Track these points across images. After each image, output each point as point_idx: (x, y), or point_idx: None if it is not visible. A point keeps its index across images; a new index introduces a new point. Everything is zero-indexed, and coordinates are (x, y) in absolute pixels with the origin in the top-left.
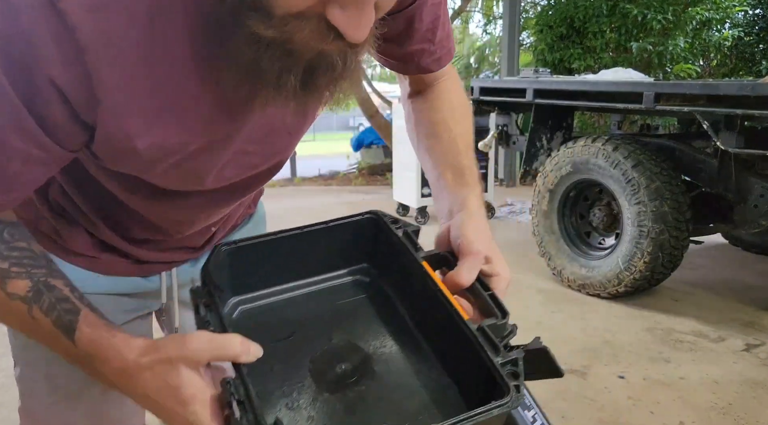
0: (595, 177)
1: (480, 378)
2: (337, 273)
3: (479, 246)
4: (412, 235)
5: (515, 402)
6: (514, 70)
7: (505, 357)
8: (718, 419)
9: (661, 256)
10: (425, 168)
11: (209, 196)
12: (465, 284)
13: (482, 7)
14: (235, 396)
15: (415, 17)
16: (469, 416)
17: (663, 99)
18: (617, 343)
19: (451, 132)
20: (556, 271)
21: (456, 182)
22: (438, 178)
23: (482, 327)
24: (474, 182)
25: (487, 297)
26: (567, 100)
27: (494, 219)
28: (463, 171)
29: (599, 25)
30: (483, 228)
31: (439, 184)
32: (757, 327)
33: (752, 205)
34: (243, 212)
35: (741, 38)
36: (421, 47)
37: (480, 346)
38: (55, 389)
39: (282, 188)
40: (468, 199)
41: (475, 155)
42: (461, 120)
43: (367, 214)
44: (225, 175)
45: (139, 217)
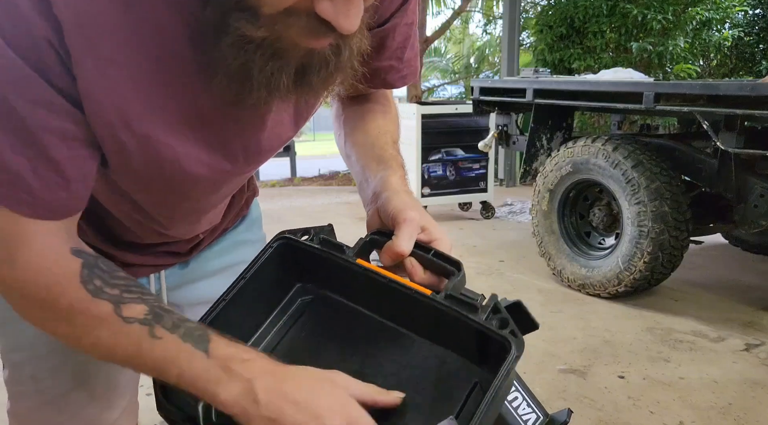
0: (595, 177)
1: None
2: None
3: (411, 214)
4: (329, 239)
5: (521, 348)
6: (514, 70)
7: (485, 311)
8: (717, 418)
9: (660, 256)
10: (350, 162)
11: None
12: (405, 252)
13: (482, 7)
14: None
15: (389, 36)
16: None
17: (663, 99)
18: (617, 343)
19: (380, 128)
20: (556, 271)
21: (378, 167)
22: (363, 169)
23: (448, 294)
24: (396, 165)
25: (432, 257)
26: (567, 100)
27: (494, 219)
28: (387, 158)
29: (599, 25)
30: (412, 201)
31: (363, 175)
32: (756, 327)
33: (752, 205)
34: (236, 213)
35: (741, 38)
36: (390, 64)
37: (458, 312)
38: (41, 391)
39: (282, 188)
40: (388, 178)
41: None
42: (390, 122)
43: (276, 242)
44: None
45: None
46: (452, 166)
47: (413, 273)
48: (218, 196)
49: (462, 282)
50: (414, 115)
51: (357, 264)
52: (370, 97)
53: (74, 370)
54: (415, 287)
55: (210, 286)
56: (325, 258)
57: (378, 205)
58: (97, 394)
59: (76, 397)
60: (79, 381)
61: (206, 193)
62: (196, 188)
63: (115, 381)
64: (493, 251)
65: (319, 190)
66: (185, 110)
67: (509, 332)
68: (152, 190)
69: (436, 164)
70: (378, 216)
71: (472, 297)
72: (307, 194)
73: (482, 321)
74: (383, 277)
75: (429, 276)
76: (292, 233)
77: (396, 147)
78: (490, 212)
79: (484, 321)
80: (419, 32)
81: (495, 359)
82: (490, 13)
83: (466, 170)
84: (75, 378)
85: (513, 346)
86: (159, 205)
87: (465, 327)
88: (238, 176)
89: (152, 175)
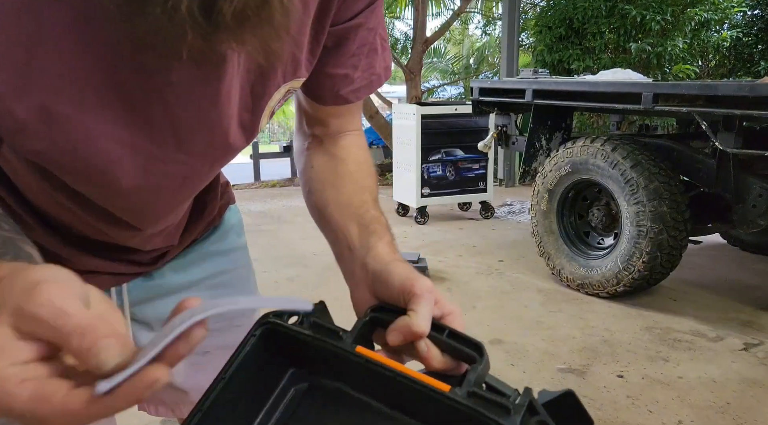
0: (594, 177)
1: None
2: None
3: (427, 284)
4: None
5: None
6: (514, 71)
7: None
8: (716, 418)
9: (659, 256)
10: (323, 224)
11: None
12: (425, 332)
13: (482, 8)
14: None
15: (348, 38)
16: None
17: (662, 99)
18: (616, 342)
19: (356, 184)
20: (555, 271)
21: (362, 233)
22: (342, 235)
23: (471, 391)
24: (382, 230)
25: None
26: (566, 101)
27: (494, 219)
28: (368, 222)
29: (598, 25)
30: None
31: (343, 242)
32: (755, 326)
33: (750, 205)
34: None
35: (739, 39)
36: (344, 72)
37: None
38: None
39: (282, 188)
40: (378, 247)
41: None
42: (367, 176)
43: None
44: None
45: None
46: (452, 166)
47: (429, 358)
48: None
49: (486, 369)
50: (414, 116)
51: (357, 355)
52: (339, 142)
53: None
54: (429, 382)
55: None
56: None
57: (372, 280)
58: None
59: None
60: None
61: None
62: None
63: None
64: (492, 251)
65: None
66: (98, 82)
67: None
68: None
69: (435, 164)
70: (371, 295)
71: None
72: None
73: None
74: (390, 370)
75: (445, 360)
76: (278, 315)
77: (377, 206)
78: (489, 212)
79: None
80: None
81: None
82: (490, 14)
83: (466, 170)
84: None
85: None
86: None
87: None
88: (172, 165)
89: (64, 160)
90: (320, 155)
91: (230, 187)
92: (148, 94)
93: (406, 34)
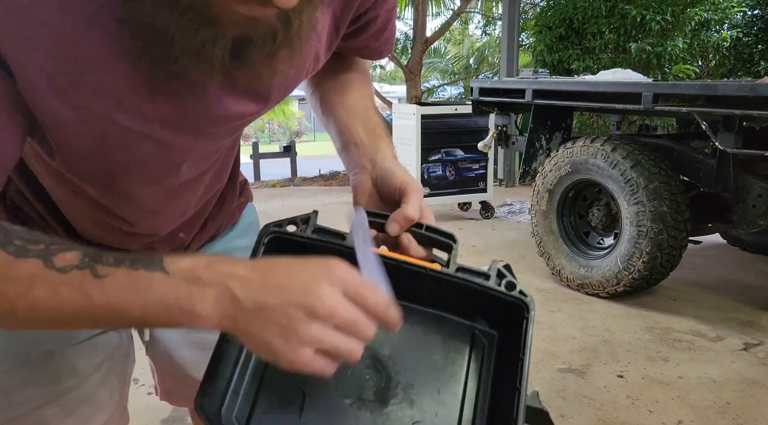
0: (594, 177)
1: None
2: None
3: (419, 186)
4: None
5: (532, 304)
6: (514, 71)
7: (488, 273)
8: (716, 418)
9: (659, 256)
10: (328, 120)
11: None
12: (416, 217)
13: (482, 8)
14: None
15: (370, 22)
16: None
17: (661, 99)
18: (616, 342)
19: (359, 91)
20: (555, 271)
21: (369, 135)
22: (346, 128)
23: (459, 267)
24: (387, 136)
25: (426, 233)
26: (566, 101)
27: (494, 219)
28: (374, 126)
29: (598, 25)
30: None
31: (347, 135)
32: (755, 326)
33: (751, 205)
34: (224, 221)
35: (739, 39)
36: (367, 44)
37: (472, 283)
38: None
39: (282, 188)
40: (385, 149)
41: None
42: (367, 84)
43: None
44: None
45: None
46: (452, 166)
47: (410, 248)
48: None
49: (456, 251)
50: (414, 116)
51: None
52: (345, 61)
53: (47, 384)
54: (425, 265)
55: None
56: (325, 248)
57: (377, 173)
58: (72, 409)
59: (50, 412)
60: (53, 395)
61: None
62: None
63: (92, 396)
64: (492, 251)
65: (320, 190)
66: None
67: (519, 292)
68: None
69: (435, 164)
70: (372, 184)
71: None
72: (307, 194)
73: (497, 288)
74: (393, 259)
75: (423, 250)
76: (277, 225)
77: (377, 112)
78: (489, 212)
79: (497, 288)
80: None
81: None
82: (490, 14)
83: (466, 170)
84: (48, 392)
85: (530, 305)
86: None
87: (474, 293)
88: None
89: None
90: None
91: (248, 185)
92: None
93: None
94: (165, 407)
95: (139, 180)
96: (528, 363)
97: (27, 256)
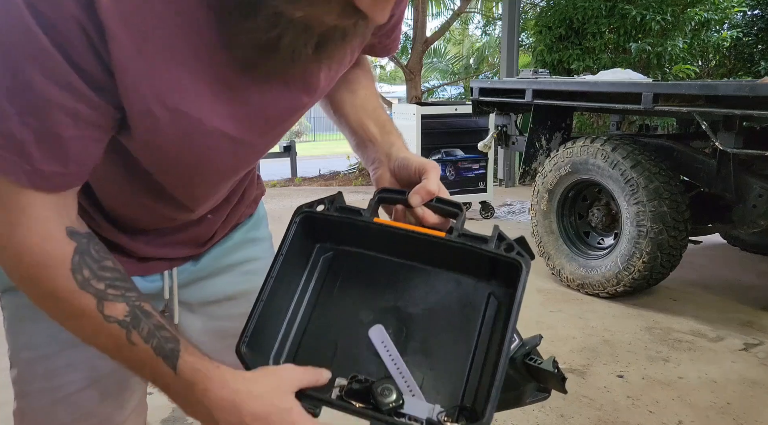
0: (594, 177)
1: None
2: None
3: (435, 164)
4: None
5: (529, 264)
6: (513, 71)
7: (492, 240)
8: (716, 418)
9: (659, 256)
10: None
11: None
12: (436, 191)
13: (481, 8)
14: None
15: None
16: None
17: (662, 99)
18: (616, 343)
19: (367, 89)
20: (555, 271)
21: (381, 132)
22: (359, 127)
23: (461, 233)
24: (396, 131)
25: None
26: (566, 101)
27: (494, 220)
28: (384, 123)
29: (598, 25)
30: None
31: (361, 133)
32: (755, 326)
33: (751, 205)
34: (244, 211)
35: (740, 39)
36: (379, 41)
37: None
38: (53, 390)
39: (282, 188)
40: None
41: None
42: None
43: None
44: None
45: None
46: (452, 166)
47: (425, 217)
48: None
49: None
50: (414, 116)
51: (375, 223)
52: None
53: (87, 368)
54: (430, 232)
55: (219, 283)
56: (346, 223)
57: (394, 164)
58: (108, 393)
59: (88, 396)
60: (91, 379)
61: (233, 165)
62: (218, 162)
63: (126, 380)
64: None
65: (320, 190)
66: (211, 83)
67: (516, 253)
68: (178, 165)
69: None
70: (390, 174)
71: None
72: (307, 194)
73: (494, 250)
74: (402, 230)
75: (436, 219)
76: (309, 206)
77: (384, 109)
78: (489, 212)
79: (495, 250)
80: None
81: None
82: (490, 14)
83: (466, 170)
84: (88, 377)
85: (524, 264)
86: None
87: (479, 256)
88: (257, 148)
89: (181, 150)
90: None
91: (261, 178)
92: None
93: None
94: (165, 407)
95: (212, 172)
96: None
97: (87, 291)
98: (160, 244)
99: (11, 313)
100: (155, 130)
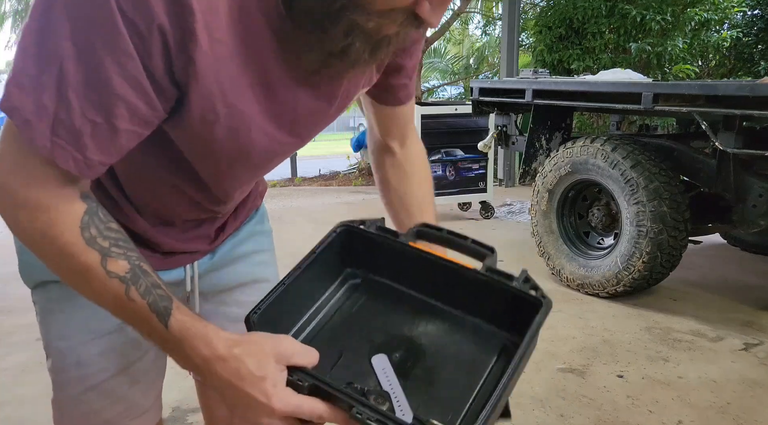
0: (594, 177)
1: (506, 307)
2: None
3: None
4: (386, 227)
5: (549, 305)
6: (513, 71)
7: (518, 280)
8: (716, 418)
9: (659, 256)
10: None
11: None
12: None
13: (481, 8)
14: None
15: (407, 57)
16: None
17: (662, 99)
18: (616, 342)
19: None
20: (555, 271)
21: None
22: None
23: (488, 267)
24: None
25: (470, 244)
26: (566, 101)
27: (493, 220)
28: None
29: (598, 25)
30: None
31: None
32: (755, 326)
33: (751, 205)
34: (251, 205)
35: (740, 39)
36: (404, 82)
37: (496, 281)
38: (85, 377)
39: (282, 188)
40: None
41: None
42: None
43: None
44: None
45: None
46: (452, 167)
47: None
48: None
49: (495, 260)
50: (414, 116)
51: (411, 247)
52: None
53: (118, 355)
54: (460, 263)
55: (232, 273)
56: (383, 242)
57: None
58: (137, 379)
59: (118, 382)
60: (122, 366)
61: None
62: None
63: (153, 366)
64: None
65: (320, 190)
66: (261, 84)
67: (539, 294)
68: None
69: (435, 164)
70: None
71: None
72: (307, 194)
73: (518, 287)
74: (433, 257)
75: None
76: (351, 222)
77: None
78: (489, 212)
79: (519, 287)
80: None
81: (525, 320)
82: (490, 14)
83: (466, 170)
84: (118, 364)
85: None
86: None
87: (502, 293)
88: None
89: (227, 144)
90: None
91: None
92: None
93: None
94: (165, 407)
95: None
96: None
97: (92, 247)
98: (184, 239)
99: (42, 307)
100: (212, 123)
